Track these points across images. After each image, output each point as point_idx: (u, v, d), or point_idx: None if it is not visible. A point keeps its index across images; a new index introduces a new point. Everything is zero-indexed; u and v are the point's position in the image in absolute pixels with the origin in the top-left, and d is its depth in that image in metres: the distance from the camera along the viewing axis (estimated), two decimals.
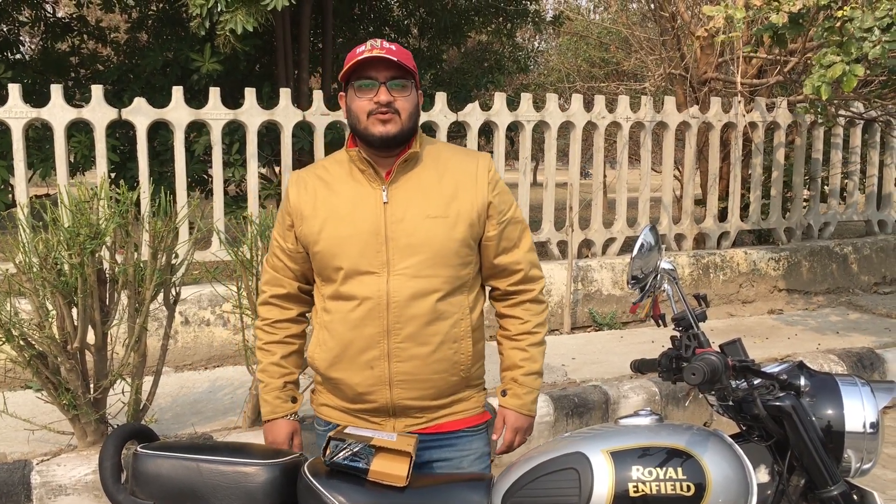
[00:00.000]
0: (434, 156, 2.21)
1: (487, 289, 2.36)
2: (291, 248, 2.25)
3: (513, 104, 6.52)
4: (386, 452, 1.94)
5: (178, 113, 5.40)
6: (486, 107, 6.35)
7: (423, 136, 2.24)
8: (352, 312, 2.12)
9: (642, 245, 1.97)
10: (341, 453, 1.94)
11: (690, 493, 1.79)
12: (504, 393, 2.32)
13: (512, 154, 8.75)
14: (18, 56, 8.96)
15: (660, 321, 2.12)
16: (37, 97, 7.34)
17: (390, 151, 2.15)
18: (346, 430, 2.02)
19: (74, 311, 3.42)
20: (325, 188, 2.20)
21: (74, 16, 9.05)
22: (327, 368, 2.19)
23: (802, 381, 1.96)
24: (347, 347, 2.14)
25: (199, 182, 7.69)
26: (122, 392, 3.72)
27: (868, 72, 5.10)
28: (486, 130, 6.50)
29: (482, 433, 2.29)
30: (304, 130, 6.53)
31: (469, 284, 2.21)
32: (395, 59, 2.06)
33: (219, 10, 5.39)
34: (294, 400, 2.35)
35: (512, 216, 2.24)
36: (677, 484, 1.80)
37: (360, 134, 2.14)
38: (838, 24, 4.39)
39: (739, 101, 6.98)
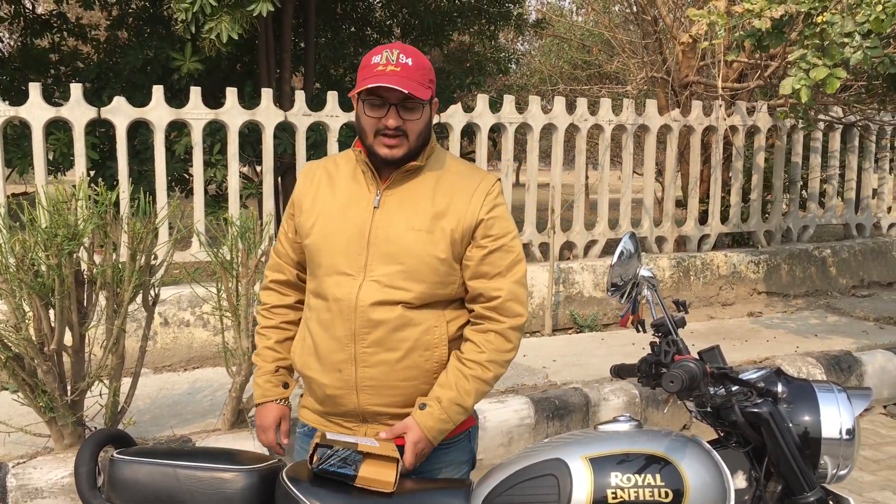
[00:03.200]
0: (438, 170, 2.16)
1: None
2: (291, 236, 2.27)
3: (495, 106, 6.52)
4: (373, 458, 1.93)
5: (158, 112, 5.36)
6: (468, 108, 6.35)
7: (436, 148, 2.19)
8: (325, 312, 2.12)
9: (622, 252, 1.98)
10: (329, 460, 1.92)
11: (668, 500, 1.80)
12: (423, 406, 2.07)
13: (495, 155, 8.76)
14: None
15: (639, 327, 2.13)
16: (15, 94, 7.26)
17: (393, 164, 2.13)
18: (329, 437, 2.01)
19: (52, 312, 3.39)
20: (328, 183, 2.20)
21: (54, 12, 8.96)
22: (302, 366, 2.20)
23: (780, 388, 1.98)
24: (320, 347, 2.13)
25: (180, 181, 7.63)
26: (100, 394, 3.69)
27: (849, 76, 5.14)
28: (469, 132, 6.50)
29: (461, 442, 2.22)
30: (285, 132, 6.50)
31: (452, 301, 2.15)
32: (406, 91, 1.99)
33: (205, 12, 5.35)
34: (286, 385, 2.33)
35: (505, 244, 2.11)
36: (655, 490, 1.81)
37: (366, 147, 2.11)
38: (818, 29, 4.42)
39: (720, 105, 7.03)
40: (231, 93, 5.58)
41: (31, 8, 9.33)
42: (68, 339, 3.50)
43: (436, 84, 2.16)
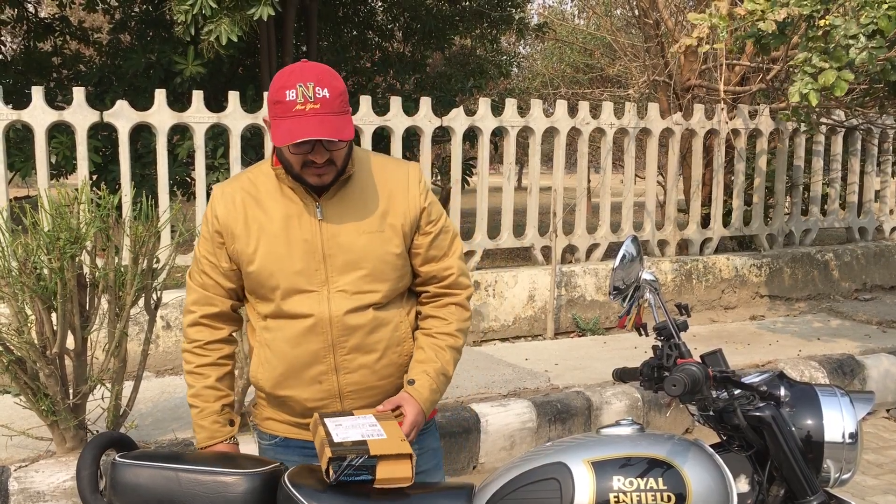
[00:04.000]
0: (366, 170, 2.16)
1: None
2: (225, 266, 2.15)
3: (497, 109, 6.52)
4: (387, 459, 1.91)
5: (160, 116, 5.37)
6: (470, 112, 6.35)
7: (356, 152, 2.17)
8: (294, 330, 2.08)
9: (624, 256, 1.98)
10: (346, 471, 1.90)
11: None
12: (412, 382, 2.12)
13: (496, 159, 8.76)
14: (0, 57, 8.89)
15: (642, 331, 2.12)
16: (18, 98, 7.27)
17: None
18: (324, 420, 1.98)
19: (54, 315, 3.39)
20: (254, 204, 2.11)
21: (57, 16, 8.99)
22: (273, 387, 2.14)
23: (782, 392, 1.98)
24: (292, 364, 2.10)
25: (182, 185, 7.65)
26: (102, 398, 3.69)
27: (853, 79, 5.14)
28: (471, 135, 6.51)
29: (431, 428, 2.28)
30: None
31: (405, 292, 2.21)
32: (336, 140, 1.97)
33: (204, 14, 5.37)
34: (232, 423, 2.25)
35: (443, 225, 2.21)
36: (658, 494, 1.80)
37: (293, 174, 2.07)
38: (821, 31, 4.42)
39: (722, 109, 7.03)
40: (233, 96, 5.58)
41: (34, 11, 9.36)
42: (70, 342, 3.50)
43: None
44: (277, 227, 2.09)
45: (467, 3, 10.37)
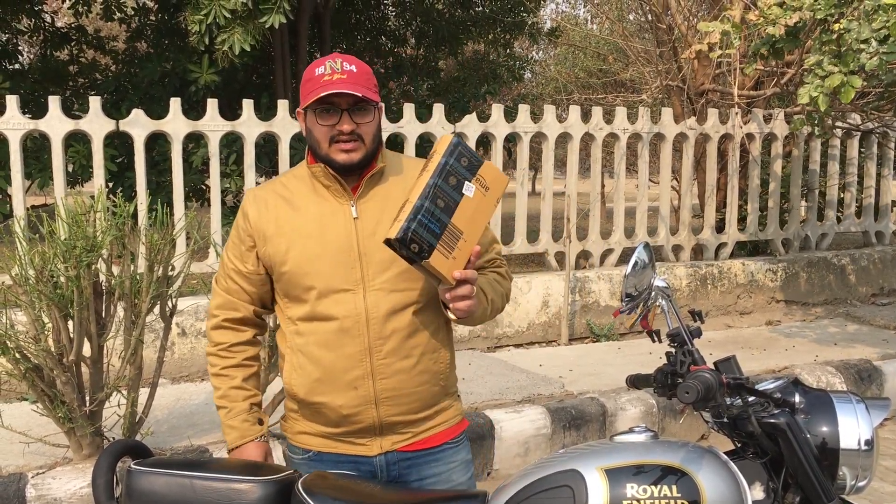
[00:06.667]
0: (398, 169, 2.17)
1: None
2: (251, 269, 2.16)
3: (510, 115, 6.53)
4: (446, 247, 1.90)
5: (175, 124, 5.41)
6: (483, 118, 6.36)
7: (385, 151, 2.19)
8: (329, 333, 2.07)
9: (636, 262, 1.97)
10: (417, 219, 1.86)
11: None
12: None
13: (510, 164, 8.76)
14: (17, 66, 8.97)
15: (654, 337, 2.12)
16: (35, 107, 7.34)
17: (354, 172, 2.11)
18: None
19: (70, 323, 3.42)
20: (286, 206, 2.13)
21: (73, 25, 9.07)
22: (308, 394, 2.12)
23: (797, 398, 1.96)
24: (328, 369, 2.08)
25: (197, 192, 7.69)
26: (118, 405, 3.71)
27: (865, 84, 5.11)
28: (484, 141, 6.51)
29: (463, 441, 2.25)
30: (301, 141, 6.54)
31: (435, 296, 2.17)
32: (360, 94, 2.00)
33: (218, 23, 5.41)
34: (261, 422, 2.25)
35: None
36: (672, 502, 1.79)
37: (322, 159, 2.09)
38: (835, 35, 4.41)
39: (736, 113, 7.00)
40: (247, 104, 5.62)
41: (50, 21, 9.45)
42: (87, 350, 3.53)
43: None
44: (311, 227, 2.09)
45: (480, 8, 10.39)
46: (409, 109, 6.01)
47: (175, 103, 5.43)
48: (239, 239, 2.17)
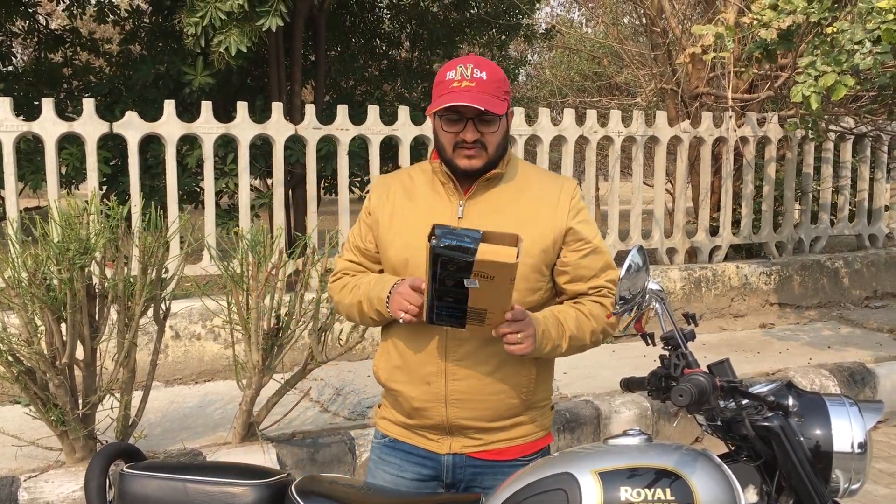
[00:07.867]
0: (518, 177, 2.19)
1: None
2: (369, 248, 2.25)
3: None
4: (493, 240, 1.83)
5: (169, 127, 5.40)
6: None
7: (512, 156, 2.21)
8: (413, 325, 2.08)
9: (630, 266, 1.97)
10: (448, 237, 1.82)
11: None
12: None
13: None
14: (11, 68, 8.94)
15: (648, 340, 2.12)
16: (28, 109, 7.32)
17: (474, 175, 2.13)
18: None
19: (63, 326, 3.41)
20: (405, 196, 2.20)
21: (67, 27, 9.05)
22: (387, 379, 2.19)
23: (791, 401, 1.96)
24: (407, 360, 2.14)
25: (191, 195, 7.67)
26: (111, 408, 3.70)
27: (858, 87, 5.13)
28: None
29: (539, 458, 2.20)
30: (297, 143, 6.53)
31: (538, 308, 2.15)
32: (482, 108, 2.00)
33: (214, 25, 5.41)
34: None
35: (596, 246, 2.19)
36: None
37: (446, 161, 2.13)
38: (829, 38, 4.42)
39: (730, 116, 7.02)
40: (242, 107, 5.61)
41: (44, 23, 9.42)
42: (80, 352, 3.52)
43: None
44: (420, 219, 2.12)
45: (475, 10, 10.39)
46: (403, 112, 6.01)
47: (169, 105, 5.42)
48: (364, 217, 2.27)
